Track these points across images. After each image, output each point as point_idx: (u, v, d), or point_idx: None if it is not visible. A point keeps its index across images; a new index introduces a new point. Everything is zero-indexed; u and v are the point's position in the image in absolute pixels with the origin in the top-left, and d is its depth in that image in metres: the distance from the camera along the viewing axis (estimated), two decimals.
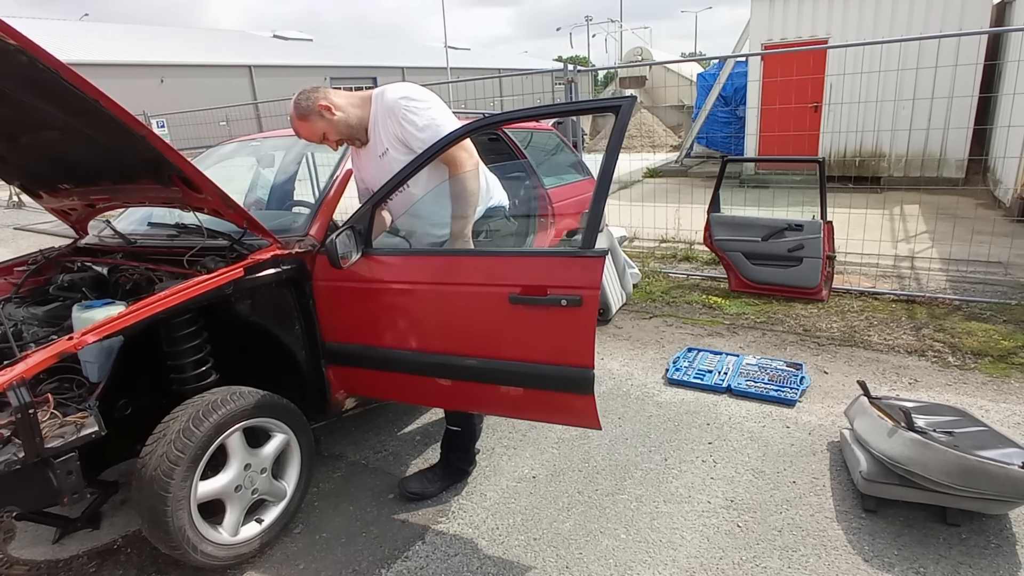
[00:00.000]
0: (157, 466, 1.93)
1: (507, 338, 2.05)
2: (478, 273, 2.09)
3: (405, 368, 2.30)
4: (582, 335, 1.92)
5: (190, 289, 2.05)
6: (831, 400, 3.15)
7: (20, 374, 1.69)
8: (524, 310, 1.97)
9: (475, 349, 2.11)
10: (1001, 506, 2.13)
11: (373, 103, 2.35)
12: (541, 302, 1.94)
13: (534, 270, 2.01)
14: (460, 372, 2.16)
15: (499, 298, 2.00)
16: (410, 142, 2.27)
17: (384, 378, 2.40)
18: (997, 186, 7.56)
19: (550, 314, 1.94)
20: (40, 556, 2.36)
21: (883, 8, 8.65)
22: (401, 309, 2.26)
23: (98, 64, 20.95)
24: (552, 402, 2.07)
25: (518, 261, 2.09)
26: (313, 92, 2.30)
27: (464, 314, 2.12)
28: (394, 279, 2.26)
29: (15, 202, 12.58)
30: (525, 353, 2.02)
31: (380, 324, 2.30)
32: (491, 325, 2.06)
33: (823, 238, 4.41)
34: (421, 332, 2.22)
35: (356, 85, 30.52)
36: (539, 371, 2.02)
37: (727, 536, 2.25)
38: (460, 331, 2.14)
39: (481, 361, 2.09)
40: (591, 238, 1.91)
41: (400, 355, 2.28)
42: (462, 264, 2.16)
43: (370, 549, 2.31)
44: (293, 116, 2.31)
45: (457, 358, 2.14)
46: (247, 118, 12.55)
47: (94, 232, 3.00)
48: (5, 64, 1.65)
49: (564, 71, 5.48)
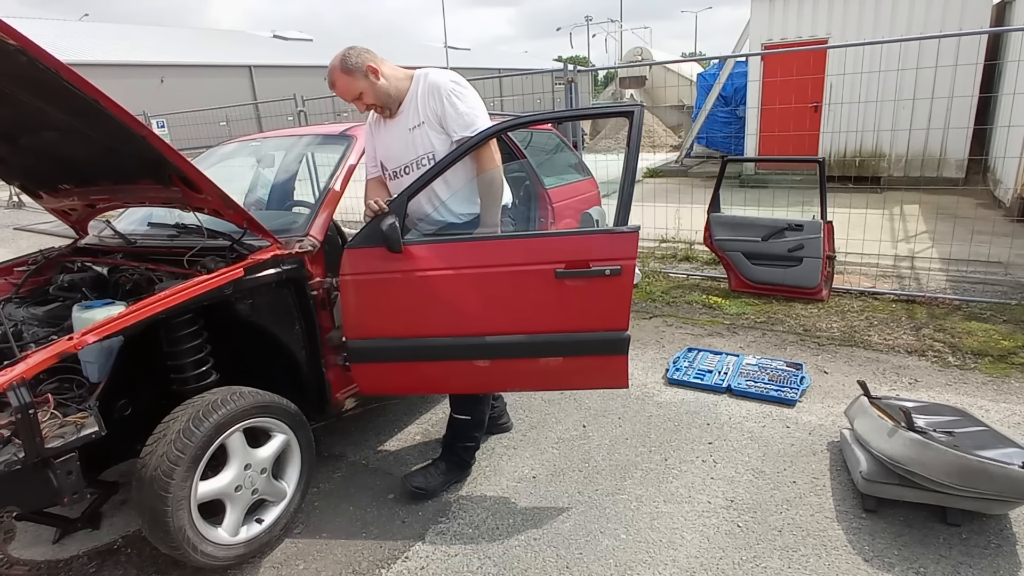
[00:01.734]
0: (157, 466, 1.93)
1: (551, 311, 2.24)
2: (525, 254, 2.24)
3: (442, 355, 2.33)
4: (621, 301, 2.19)
5: (190, 289, 2.04)
6: (831, 400, 3.15)
7: (20, 374, 1.69)
8: (569, 283, 2.19)
9: (519, 326, 2.26)
10: (1001, 506, 2.13)
11: (415, 81, 2.41)
12: (586, 274, 2.17)
13: (577, 247, 2.22)
14: (500, 350, 2.29)
15: (546, 275, 2.19)
16: (447, 122, 2.35)
17: (416, 369, 2.41)
18: (997, 186, 7.56)
19: (593, 285, 2.18)
20: (40, 556, 2.36)
21: (883, 8, 8.65)
22: (442, 295, 2.28)
23: (98, 64, 20.97)
24: (589, 367, 2.29)
25: (562, 240, 2.28)
26: (365, 52, 2.34)
27: (510, 293, 2.26)
28: (436, 266, 2.28)
29: (15, 202, 12.59)
30: (568, 323, 2.23)
31: (418, 313, 2.31)
32: (536, 301, 2.23)
33: (823, 238, 4.41)
34: (463, 316, 2.28)
35: None
36: (579, 338, 2.23)
37: (727, 536, 2.25)
38: (504, 310, 2.27)
39: (523, 336, 2.26)
40: (624, 217, 2.20)
41: (438, 342, 2.32)
42: (509, 247, 2.29)
43: (370, 549, 2.31)
44: (336, 67, 2.32)
45: (499, 337, 2.27)
46: (247, 118, 12.53)
47: (94, 232, 3.00)
48: (5, 64, 1.65)
49: (564, 71, 5.48)
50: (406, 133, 2.40)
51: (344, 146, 2.92)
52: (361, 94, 2.35)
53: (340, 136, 3.06)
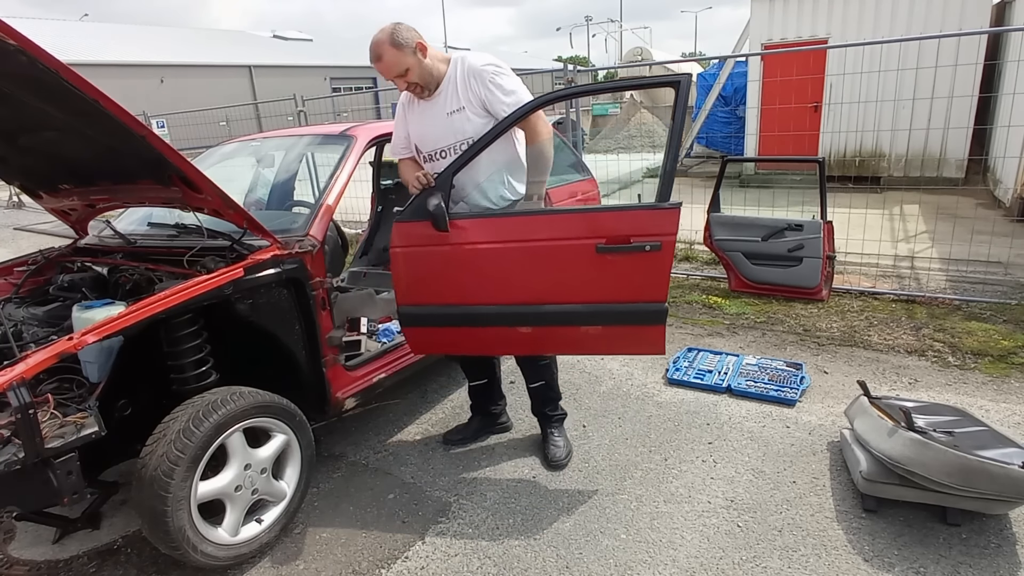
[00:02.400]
0: (157, 466, 1.93)
1: (592, 284, 2.30)
2: (566, 229, 2.29)
3: (486, 322, 2.40)
4: (661, 274, 2.25)
5: (190, 289, 2.05)
6: (831, 400, 3.15)
7: (20, 374, 1.70)
8: (609, 258, 2.24)
9: (560, 296, 2.33)
10: (1001, 506, 2.13)
11: (452, 65, 2.41)
12: (627, 249, 2.22)
13: (618, 223, 2.25)
14: (543, 319, 2.36)
15: (587, 249, 2.24)
16: (494, 105, 2.35)
17: (462, 334, 2.48)
18: (997, 186, 7.56)
19: (634, 259, 2.23)
20: (40, 556, 2.36)
21: (883, 8, 8.65)
22: (486, 266, 2.36)
23: (98, 64, 20.95)
24: (628, 335, 2.37)
25: (604, 216, 2.30)
26: (413, 30, 2.34)
27: (551, 266, 2.31)
28: (481, 239, 2.34)
29: (15, 202, 12.58)
30: (608, 295, 2.30)
31: (463, 283, 2.38)
32: (578, 274, 2.29)
33: (823, 238, 4.41)
34: (506, 286, 2.37)
35: (356, 85, 30.52)
36: (619, 309, 2.30)
37: (727, 536, 2.25)
38: (546, 282, 2.33)
39: (565, 306, 2.33)
40: (667, 193, 2.23)
41: (483, 310, 2.38)
42: (551, 222, 2.34)
43: (370, 549, 2.31)
44: (385, 41, 2.28)
45: (541, 307, 2.35)
46: (247, 118, 12.53)
47: (94, 232, 3.00)
48: (5, 64, 1.66)
49: (564, 71, 5.48)
50: (444, 117, 2.40)
51: (344, 146, 2.93)
52: (407, 70, 2.33)
53: (340, 136, 3.07)
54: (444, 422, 3.19)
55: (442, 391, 3.53)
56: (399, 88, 2.43)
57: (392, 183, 4.36)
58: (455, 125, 2.39)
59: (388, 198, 4.42)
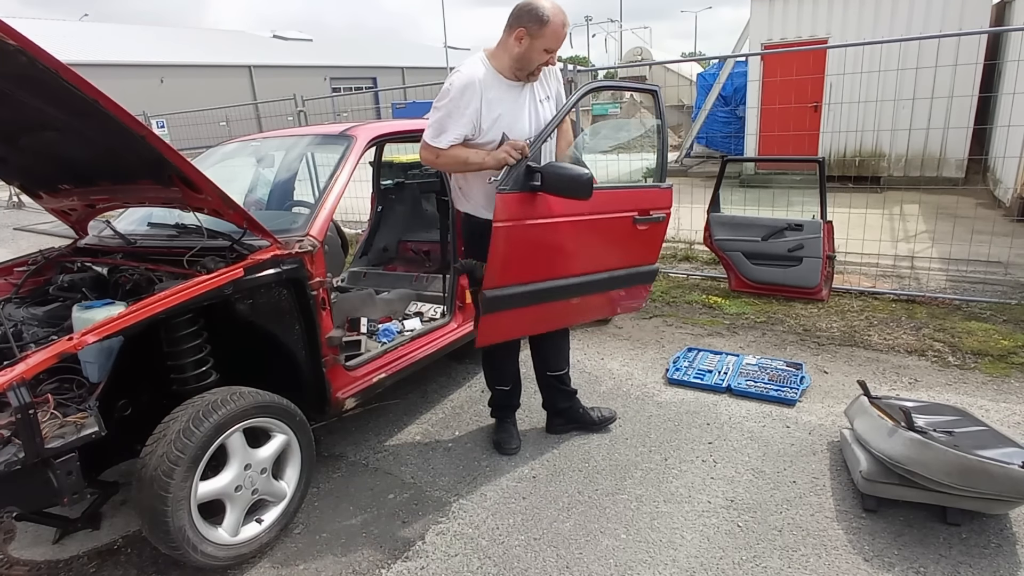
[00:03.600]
0: (157, 466, 1.93)
1: (631, 250, 2.74)
2: (618, 203, 2.64)
3: (553, 296, 2.55)
4: (660, 240, 2.86)
5: (190, 289, 2.04)
6: (831, 400, 3.15)
7: (20, 374, 1.69)
8: (640, 227, 2.69)
9: (614, 263, 2.70)
10: (1001, 506, 2.13)
11: None
12: (650, 220, 2.70)
13: (642, 197, 2.73)
14: (591, 287, 2.65)
15: (628, 220, 2.65)
16: (560, 100, 2.63)
17: (537, 312, 2.57)
18: (997, 186, 7.56)
19: (651, 228, 2.73)
20: (40, 556, 2.36)
21: (883, 8, 8.65)
22: (562, 241, 2.51)
23: (98, 64, 20.97)
24: (634, 294, 2.89)
25: (631, 192, 2.77)
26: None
27: (611, 236, 2.65)
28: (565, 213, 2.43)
29: (15, 202, 12.58)
30: (634, 259, 2.77)
31: (559, 256, 2.54)
32: (624, 241, 2.69)
33: (823, 238, 4.41)
34: (587, 257, 2.61)
35: (356, 85, 30.53)
36: (637, 271, 2.80)
37: (727, 536, 2.25)
38: (608, 250, 2.67)
39: (608, 273, 2.70)
40: (663, 176, 2.78)
41: (562, 283, 2.55)
42: (608, 197, 2.62)
43: (370, 549, 2.31)
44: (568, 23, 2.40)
45: (596, 275, 2.65)
46: (247, 118, 12.52)
47: (94, 232, 3.00)
48: (5, 64, 1.65)
49: (564, 71, 5.48)
50: (537, 104, 2.51)
51: (344, 146, 2.93)
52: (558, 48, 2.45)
53: (340, 136, 3.07)
54: (444, 422, 3.19)
55: (442, 391, 3.53)
56: (550, 63, 2.47)
57: (392, 183, 4.36)
58: (543, 113, 2.53)
59: (388, 198, 4.43)
